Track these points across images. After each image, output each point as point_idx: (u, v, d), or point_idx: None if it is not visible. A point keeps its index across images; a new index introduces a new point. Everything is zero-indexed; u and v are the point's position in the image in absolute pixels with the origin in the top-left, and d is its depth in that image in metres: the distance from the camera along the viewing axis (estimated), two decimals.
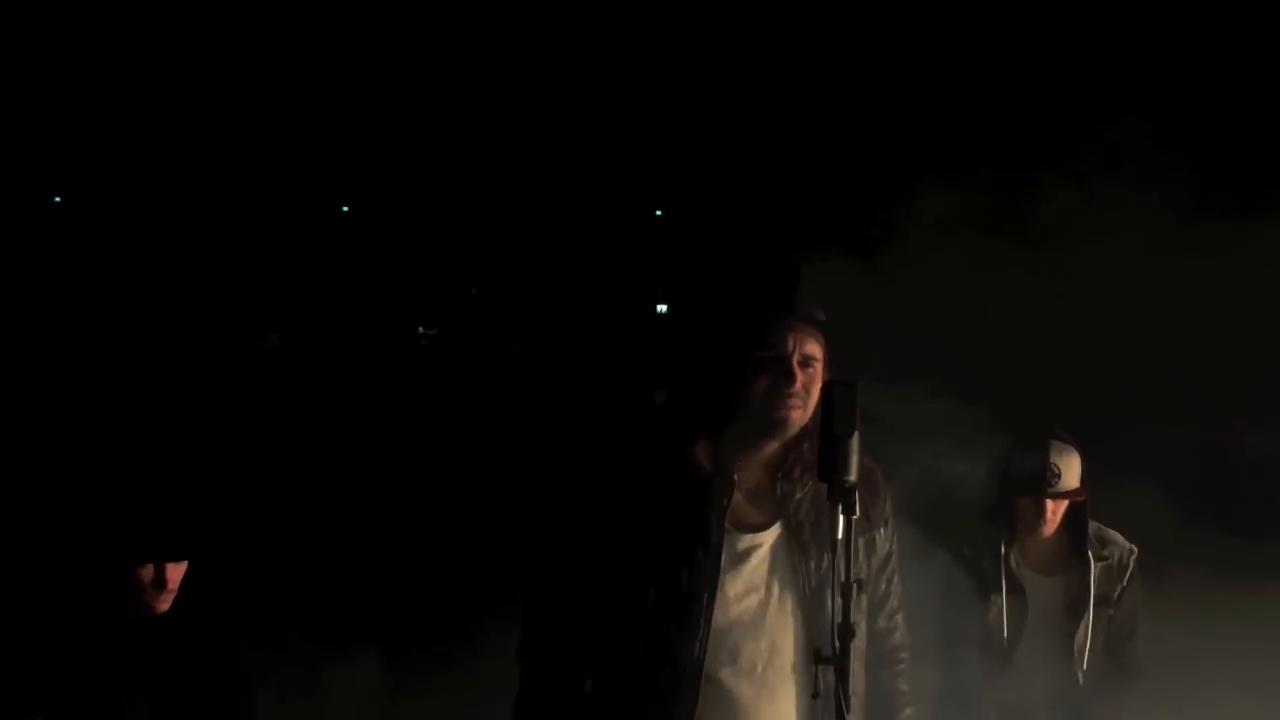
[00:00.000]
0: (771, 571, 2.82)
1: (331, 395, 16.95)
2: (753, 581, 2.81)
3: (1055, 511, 4.28)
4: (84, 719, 3.18)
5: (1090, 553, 4.32)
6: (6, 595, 3.28)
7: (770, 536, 2.84)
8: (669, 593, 2.75)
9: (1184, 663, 4.81)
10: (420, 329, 30.89)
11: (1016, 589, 4.28)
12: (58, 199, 31.33)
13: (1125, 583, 4.35)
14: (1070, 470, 4.24)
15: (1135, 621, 4.38)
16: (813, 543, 2.78)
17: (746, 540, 2.82)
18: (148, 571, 3.23)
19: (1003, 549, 4.29)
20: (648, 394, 3.13)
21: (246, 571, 3.66)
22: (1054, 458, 4.23)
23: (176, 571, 3.27)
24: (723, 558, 2.77)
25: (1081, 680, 4.31)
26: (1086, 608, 4.31)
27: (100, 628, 3.25)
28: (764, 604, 2.80)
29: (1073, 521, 4.33)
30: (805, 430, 2.81)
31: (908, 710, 3.02)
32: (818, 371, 2.83)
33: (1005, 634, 4.26)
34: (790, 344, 2.80)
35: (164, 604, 3.27)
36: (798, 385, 2.78)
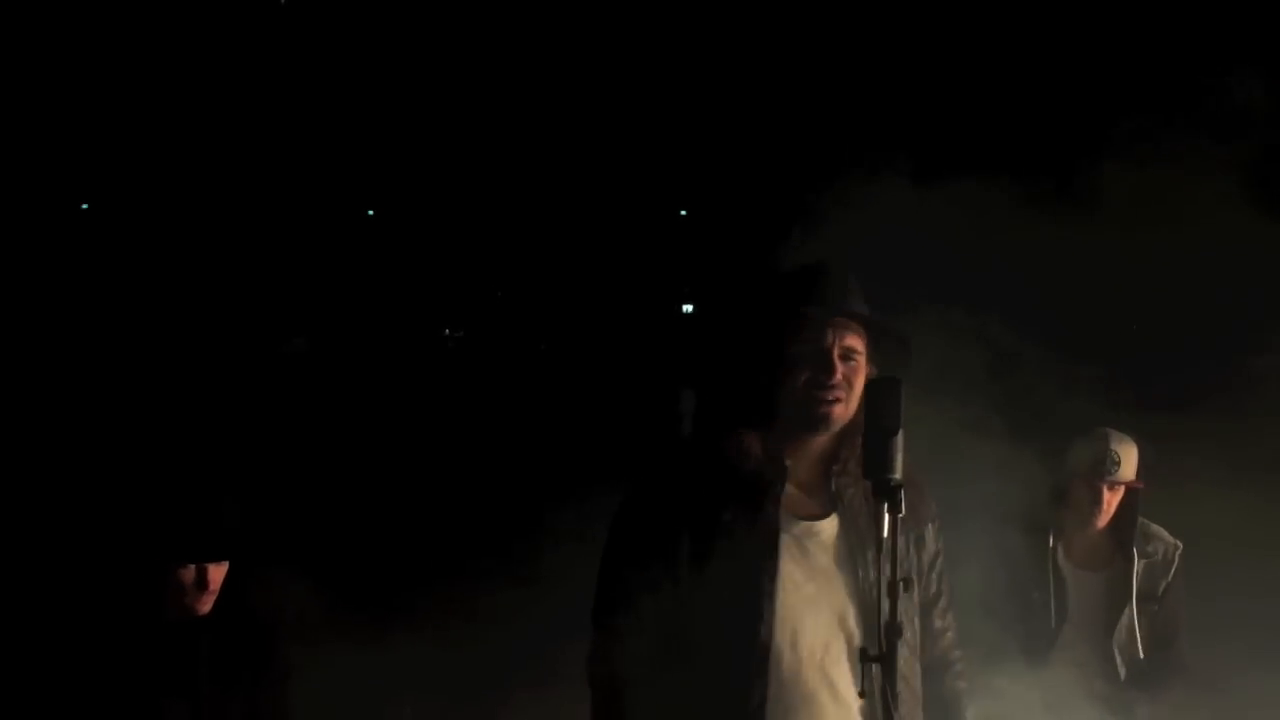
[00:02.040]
0: (831, 561, 2.82)
1: (360, 397, 17.00)
2: (811, 570, 2.80)
3: (1111, 501, 4.28)
4: None
5: (1135, 549, 4.31)
6: (49, 600, 3.30)
7: (828, 527, 2.84)
8: (732, 581, 2.74)
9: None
10: (447, 331, 30.95)
11: (1060, 583, 4.27)
12: (85, 206, 31.49)
13: (1170, 579, 4.33)
14: (1129, 460, 4.25)
15: (1179, 617, 4.36)
16: (869, 535, 2.77)
17: (803, 527, 2.82)
18: (189, 573, 3.24)
19: (1050, 542, 4.29)
20: (675, 394, 3.14)
21: (283, 571, 3.66)
22: (1114, 445, 4.24)
23: (218, 573, 3.29)
24: (781, 544, 2.77)
25: (1124, 674, 4.30)
26: (1129, 603, 4.29)
27: (140, 631, 3.27)
28: (822, 592, 2.80)
29: (1123, 516, 4.31)
30: (854, 424, 2.80)
31: (970, 710, 3.02)
32: (860, 364, 2.82)
33: (1049, 626, 4.25)
34: (829, 337, 2.79)
35: (205, 605, 3.28)
36: (838, 377, 2.78)
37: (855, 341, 2.82)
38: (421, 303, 30.65)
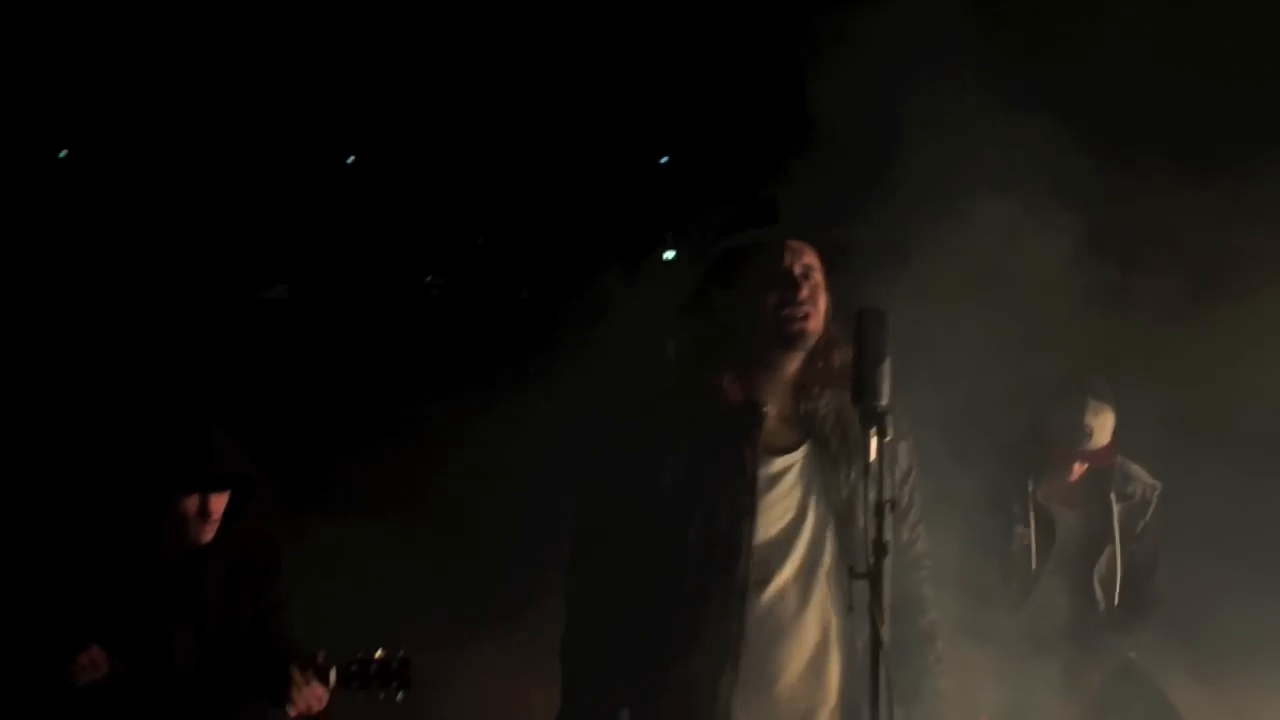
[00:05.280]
0: (805, 489, 2.94)
1: (343, 343, 17.01)
2: (788, 502, 2.92)
3: (1081, 466, 4.36)
4: (136, 648, 3.28)
5: (1114, 491, 4.39)
6: (61, 536, 3.37)
7: (800, 456, 2.94)
8: (710, 524, 2.87)
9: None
10: (428, 278, 30.84)
11: (1043, 522, 4.36)
12: (63, 153, 31.26)
13: (1148, 518, 4.44)
14: (1103, 429, 4.32)
15: (1156, 556, 4.48)
16: (841, 455, 2.88)
17: (780, 463, 2.94)
18: (193, 503, 3.32)
19: (1030, 485, 4.37)
20: (659, 342, 3.20)
21: (275, 504, 3.75)
22: (1089, 418, 4.29)
23: (218, 502, 3.37)
24: (758, 483, 2.87)
25: (1103, 608, 4.40)
26: (1107, 543, 4.39)
27: (145, 561, 3.35)
28: (799, 520, 2.93)
29: (1101, 462, 4.40)
30: (819, 345, 2.91)
31: (931, 614, 3.13)
32: (819, 281, 2.95)
33: (1031, 565, 4.35)
34: (788, 258, 2.93)
35: (208, 534, 3.37)
36: (804, 293, 2.90)
37: (811, 259, 2.96)
38: (403, 250, 30.53)
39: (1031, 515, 4.37)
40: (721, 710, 2.86)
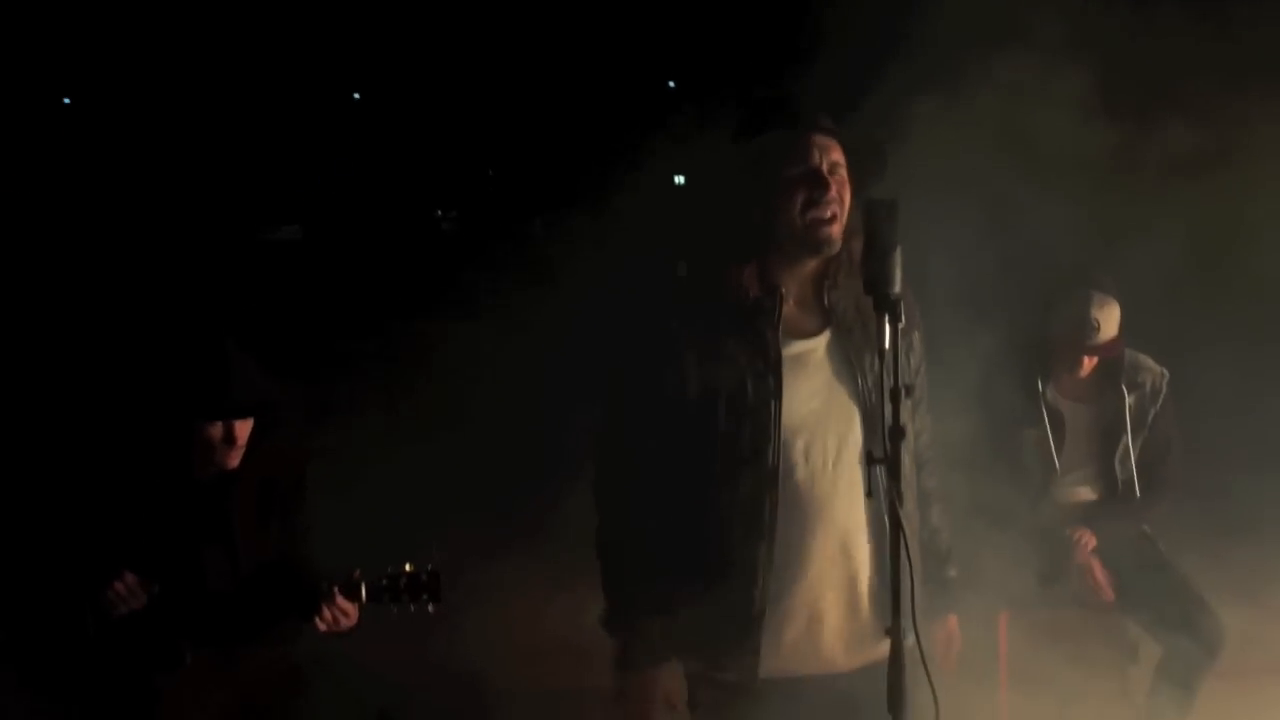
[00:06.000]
0: (829, 374, 2.93)
1: (357, 282, 17.06)
2: (813, 385, 2.92)
3: (1092, 359, 4.37)
4: (170, 574, 3.33)
5: (1124, 382, 4.41)
6: (90, 468, 3.41)
7: (823, 341, 2.95)
8: (739, 406, 2.86)
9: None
10: (439, 212, 30.80)
11: (1054, 421, 4.38)
12: (67, 100, 31.22)
13: (1159, 406, 4.45)
14: (1110, 322, 4.31)
15: (1168, 441, 4.50)
16: (864, 343, 2.88)
17: (801, 345, 2.93)
18: (217, 429, 3.36)
19: (1039, 384, 4.38)
20: (670, 265, 3.20)
21: (302, 433, 3.77)
22: (1095, 312, 4.28)
23: (244, 429, 3.40)
24: (783, 365, 2.87)
25: (1121, 493, 4.44)
26: (1122, 435, 4.41)
27: (176, 487, 3.39)
28: (826, 404, 2.92)
29: (1108, 360, 4.41)
30: (843, 241, 2.89)
31: (936, 506, 3.16)
32: (844, 177, 2.91)
33: (1046, 464, 4.37)
34: (816, 155, 2.88)
35: (234, 460, 3.40)
36: (832, 191, 2.86)
37: (838, 155, 2.90)
38: (413, 185, 30.50)
39: (1045, 415, 4.38)
40: (760, 593, 2.87)
